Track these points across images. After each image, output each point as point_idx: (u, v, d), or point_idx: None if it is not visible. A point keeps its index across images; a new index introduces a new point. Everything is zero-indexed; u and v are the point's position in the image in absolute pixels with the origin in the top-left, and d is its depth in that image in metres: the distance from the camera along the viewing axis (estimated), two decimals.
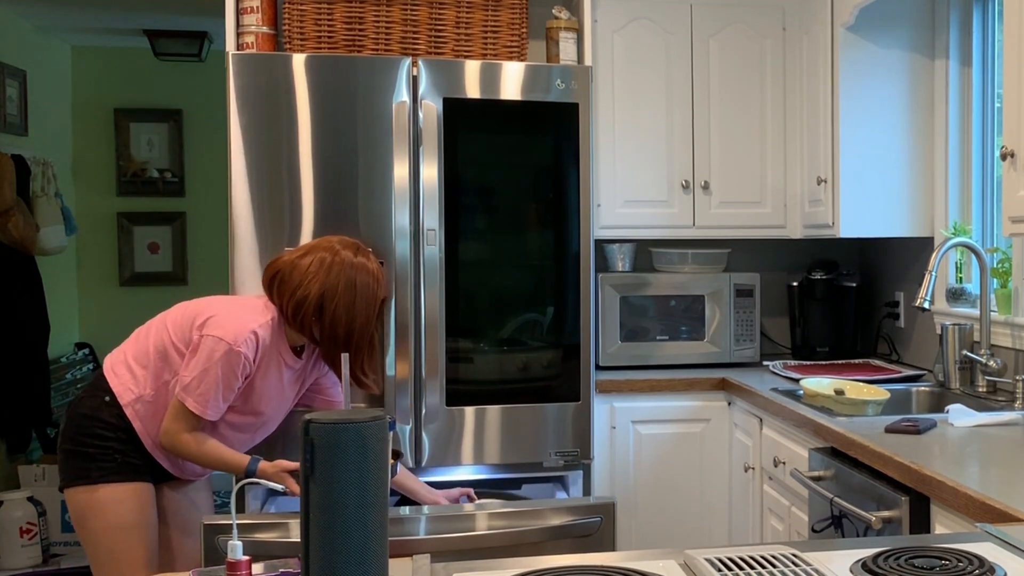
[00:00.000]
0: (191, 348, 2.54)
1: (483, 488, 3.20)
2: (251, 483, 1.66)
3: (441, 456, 3.16)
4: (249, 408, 2.62)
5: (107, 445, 2.57)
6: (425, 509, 2.90)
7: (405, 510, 2.88)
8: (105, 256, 5.97)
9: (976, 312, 3.18)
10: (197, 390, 2.49)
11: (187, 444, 2.52)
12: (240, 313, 2.58)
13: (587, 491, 3.27)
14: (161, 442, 2.56)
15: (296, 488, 2.39)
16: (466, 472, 3.21)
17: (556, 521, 2.87)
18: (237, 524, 1.51)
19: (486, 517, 2.85)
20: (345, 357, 1.59)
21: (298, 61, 3.08)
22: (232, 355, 2.49)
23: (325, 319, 2.56)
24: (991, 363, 3.05)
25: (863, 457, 2.36)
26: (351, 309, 2.57)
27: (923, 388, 3.29)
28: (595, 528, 2.89)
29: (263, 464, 2.50)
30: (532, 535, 2.85)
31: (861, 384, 3.05)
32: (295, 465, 2.44)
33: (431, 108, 3.12)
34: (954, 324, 3.21)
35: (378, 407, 3.10)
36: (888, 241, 3.84)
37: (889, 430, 2.47)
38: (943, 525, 2.03)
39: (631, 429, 3.46)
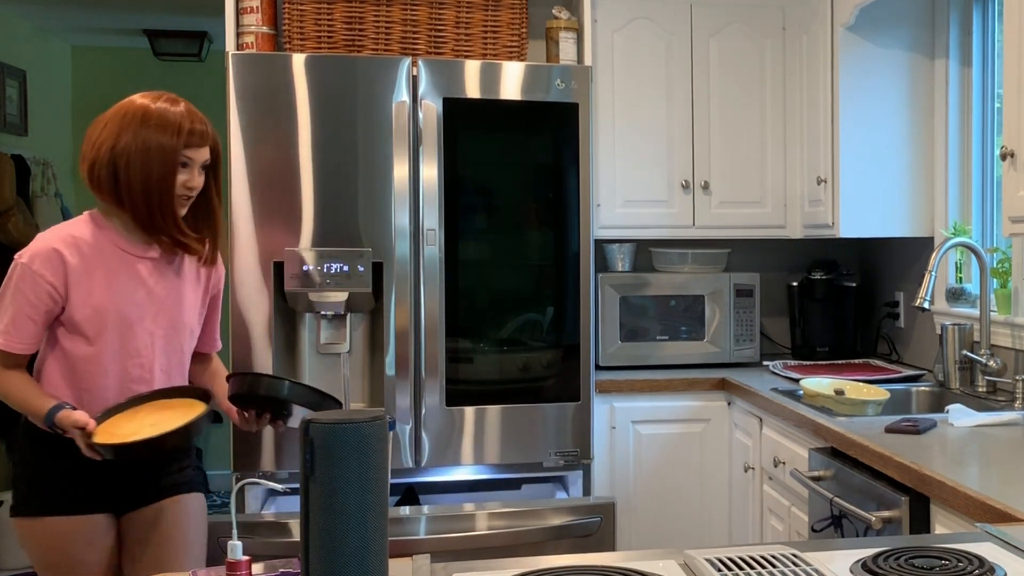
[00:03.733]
0: None
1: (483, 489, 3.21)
2: (251, 483, 1.66)
3: (441, 456, 3.16)
4: (85, 329, 2.21)
5: (37, 472, 2.25)
6: (425, 509, 2.90)
7: (405, 510, 2.89)
8: None
9: (976, 312, 3.18)
10: None
11: None
12: (51, 231, 2.26)
13: (587, 491, 3.27)
14: None
15: (88, 452, 2.12)
16: (466, 472, 3.22)
17: (556, 521, 2.87)
18: (237, 524, 1.51)
19: (486, 517, 2.86)
20: (345, 357, 1.58)
21: (298, 61, 3.09)
22: (25, 274, 2.17)
23: (120, 180, 2.20)
24: (991, 363, 3.05)
25: (863, 457, 2.36)
26: (146, 163, 2.19)
27: (923, 388, 3.29)
28: (595, 528, 2.90)
29: (63, 413, 2.13)
30: (532, 535, 2.86)
31: (861, 384, 3.05)
32: (88, 421, 2.12)
33: (431, 108, 3.12)
34: (954, 324, 3.21)
35: (378, 407, 3.11)
36: (888, 241, 3.84)
37: (889, 430, 2.47)
38: (943, 525, 2.03)
39: (631, 429, 3.46)
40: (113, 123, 2.22)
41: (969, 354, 3.13)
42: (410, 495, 3.20)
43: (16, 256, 2.21)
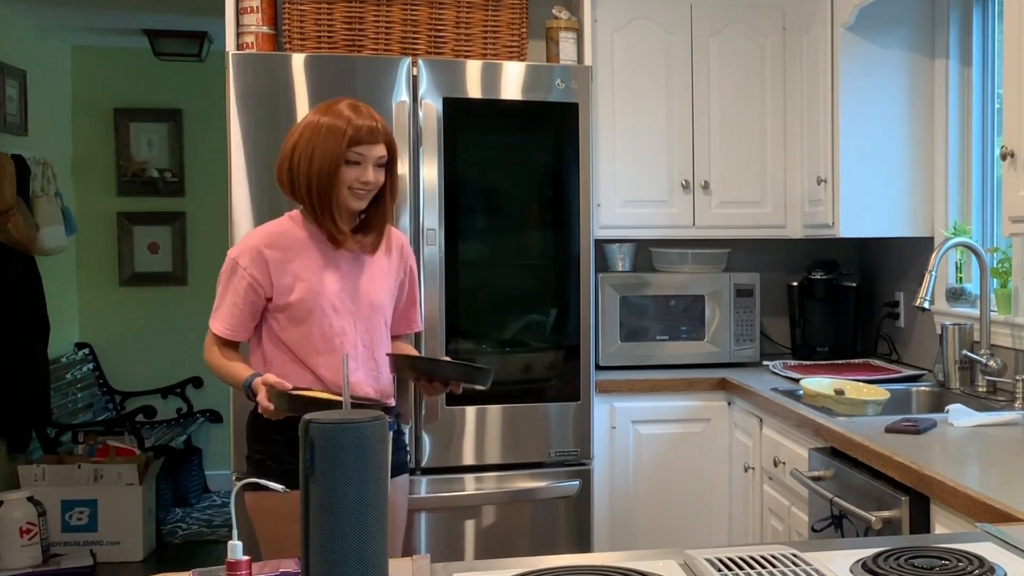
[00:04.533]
0: None
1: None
2: (252, 483, 1.65)
3: (442, 456, 3.16)
4: (294, 314, 2.39)
5: (264, 451, 2.43)
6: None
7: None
8: (105, 256, 5.97)
9: (976, 312, 3.18)
10: (215, 306, 2.43)
11: (209, 358, 2.45)
12: (258, 230, 2.50)
13: (587, 491, 3.27)
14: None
15: (265, 402, 2.26)
16: (466, 472, 3.21)
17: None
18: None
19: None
20: (345, 357, 1.58)
21: (298, 61, 3.08)
22: (234, 269, 2.40)
23: (294, 178, 2.39)
24: (991, 363, 3.05)
25: (863, 457, 2.36)
26: (311, 155, 2.35)
27: (923, 388, 3.29)
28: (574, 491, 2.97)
29: (257, 380, 2.32)
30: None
31: (861, 384, 3.05)
32: (280, 382, 2.27)
33: (431, 108, 3.12)
34: (954, 324, 3.21)
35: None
36: (888, 241, 3.84)
37: (889, 430, 2.47)
38: (943, 525, 2.03)
39: (631, 429, 3.46)
40: (299, 125, 2.44)
41: (969, 354, 3.13)
42: None
43: (229, 252, 2.44)
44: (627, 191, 3.68)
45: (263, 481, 1.69)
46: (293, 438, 2.24)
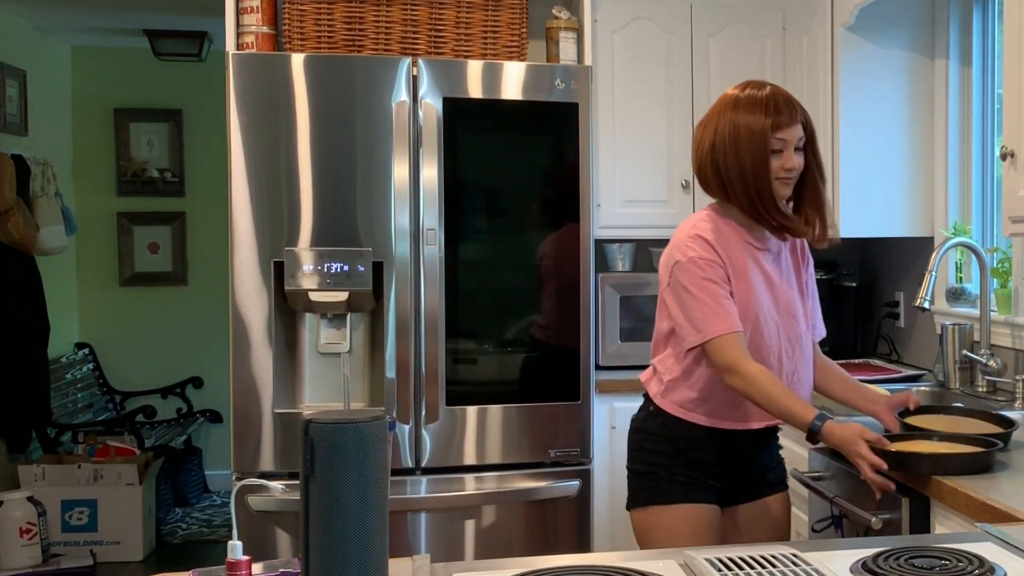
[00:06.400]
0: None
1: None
2: (251, 483, 1.63)
3: (442, 456, 3.16)
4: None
5: (654, 461, 2.28)
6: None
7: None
8: (105, 256, 5.97)
9: (976, 312, 3.18)
10: (691, 317, 2.20)
11: (750, 374, 2.14)
12: (688, 228, 2.29)
13: (587, 491, 3.27)
14: (728, 383, 2.17)
15: (872, 476, 2.06)
16: (466, 471, 3.21)
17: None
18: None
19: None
20: (345, 357, 1.57)
21: (298, 61, 3.09)
22: (695, 264, 2.20)
23: (721, 172, 2.24)
24: (991, 363, 3.05)
25: None
26: (737, 150, 2.21)
27: (923, 388, 3.29)
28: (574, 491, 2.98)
29: (833, 424, 2.09)
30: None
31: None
32: (880, 439, 2.11)
33: (431, 108, 3.12)
34: (954, 324, 3.21)
35: (378, 407, 3.11)
36: (888, 241, 3.84)
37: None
38: (943, 525, 2.03)
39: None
40: (710, 120, 2.29)
41: (969, 354, 3.13)
42: None
43: (677, 256, 2.24)
44: (627, 191, 3.68)
45: (263, 481, 1.69)
46: (685, 448, 2.25)
